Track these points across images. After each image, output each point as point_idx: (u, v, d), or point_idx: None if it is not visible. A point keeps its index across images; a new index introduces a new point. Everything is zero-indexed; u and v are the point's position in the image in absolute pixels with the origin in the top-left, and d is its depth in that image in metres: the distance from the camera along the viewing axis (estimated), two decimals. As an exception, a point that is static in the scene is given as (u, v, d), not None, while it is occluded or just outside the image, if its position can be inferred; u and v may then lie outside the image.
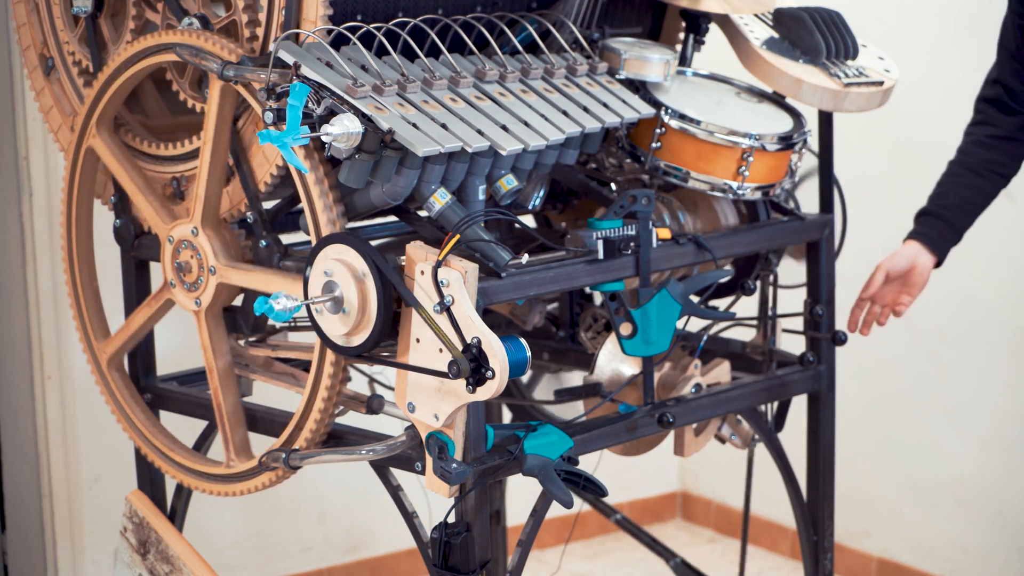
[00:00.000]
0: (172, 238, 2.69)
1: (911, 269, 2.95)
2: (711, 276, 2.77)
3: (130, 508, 2.93)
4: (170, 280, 2.71)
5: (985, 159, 2.98)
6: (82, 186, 2.84)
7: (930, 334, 4.13)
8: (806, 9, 3.05)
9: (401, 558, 4.36)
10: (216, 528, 4.05)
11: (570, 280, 2.60)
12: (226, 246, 2.65)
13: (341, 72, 2.45)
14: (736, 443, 3.04)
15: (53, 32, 2.90)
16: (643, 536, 3.50)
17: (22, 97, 3.70)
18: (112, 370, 2.87)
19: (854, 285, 3.11)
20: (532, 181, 2.86)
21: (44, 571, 3.89)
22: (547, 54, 2.77)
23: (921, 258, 2.95)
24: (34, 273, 3.76)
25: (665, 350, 2.73)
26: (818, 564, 3.14)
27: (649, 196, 2.68)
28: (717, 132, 2.80)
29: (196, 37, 2.58)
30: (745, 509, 3.29)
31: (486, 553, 2.50)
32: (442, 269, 2.35)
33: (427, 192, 2.49)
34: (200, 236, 2.64)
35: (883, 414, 4.28)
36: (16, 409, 3.86)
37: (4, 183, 3.77)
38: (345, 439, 2.62)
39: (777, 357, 3.07)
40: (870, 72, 3.05)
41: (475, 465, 2.44)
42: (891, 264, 2.95)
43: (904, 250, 2.97)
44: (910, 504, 4.23)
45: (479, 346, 2.32)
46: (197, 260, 2.66)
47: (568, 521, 4.51)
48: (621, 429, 2.70)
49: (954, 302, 4.03)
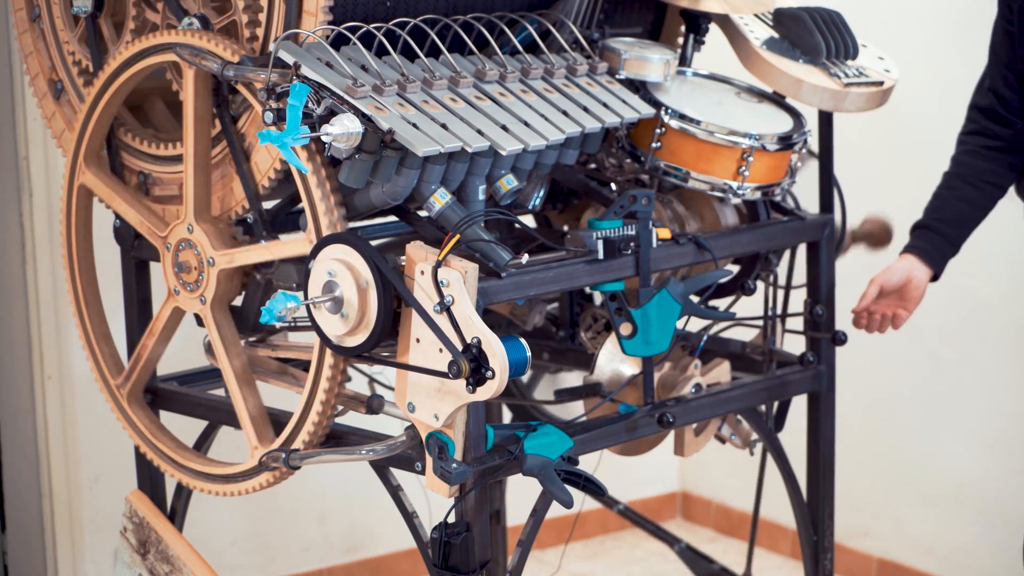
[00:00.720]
0: (170, 244, 2.69)
1: (907, 283, 2.94)
2: (711, 276, 2.77)
3: (130, 508, 2.93)
4: (173, 288, 2.71)
5: (980, 170, 2.96)
6: (79, 219, 2.86)
7: (930, 334, 4.12)
8: (806, 9, 3.05)
9: (401, 558, 4.36)
10: (216, 528, 4.05)
11: (570, 280, 2.59)
12: (221, 235, 2.65)
13: (341, 72, 2.45)
14: (736, 443, 3.04)
15: (59, 52, 2.90)
16: (647, 525, 3.50)
17: (22, 97, 3.70)
18: (134, 405, 2.87)
19: (854, 285, 3.11)
20: (532, 181, 2.86)
21: (44, 571, 3.89)
22: (547, 54, 2.77)
23: (917, 272, 2.93)
24: (34, 273, 3.76)
25: (665, 350, 2.73)
26: (818, 564, 3.14)
27: (649, 196, 2.68)
28: (717, 132, 2.80)
29: (196, 37, 2.58)
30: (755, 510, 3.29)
31: (486, 553, 2.50)
32: (442, 269, 2.35)
33: (427, 192, 2.49)
34: (196, 231, 2.64)
35: (883, 414, 4.28)
36: (16, 409, 3.86)
37: (4, 183, 3.77)
38: (345, 439, 2.62)
39: (777, 357, 3.07)
40: (870, 72, 3.05)
41: (475, 465, 2.44)
42: (885, 278, 2.93)
43: (899, 264, 2.95)
44: (910, 504, 4.23)
45: (479, 346, 2.32)
46: (196, 256, 2.66)
47: (568, 521, 4.51)
48: (621, 429, 2.70)
49: (954, 302, 4.03)
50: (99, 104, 2.75)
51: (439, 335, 2.35)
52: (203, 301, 2.67)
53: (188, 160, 2.61)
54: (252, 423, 2.67)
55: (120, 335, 2.91)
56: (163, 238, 2.71)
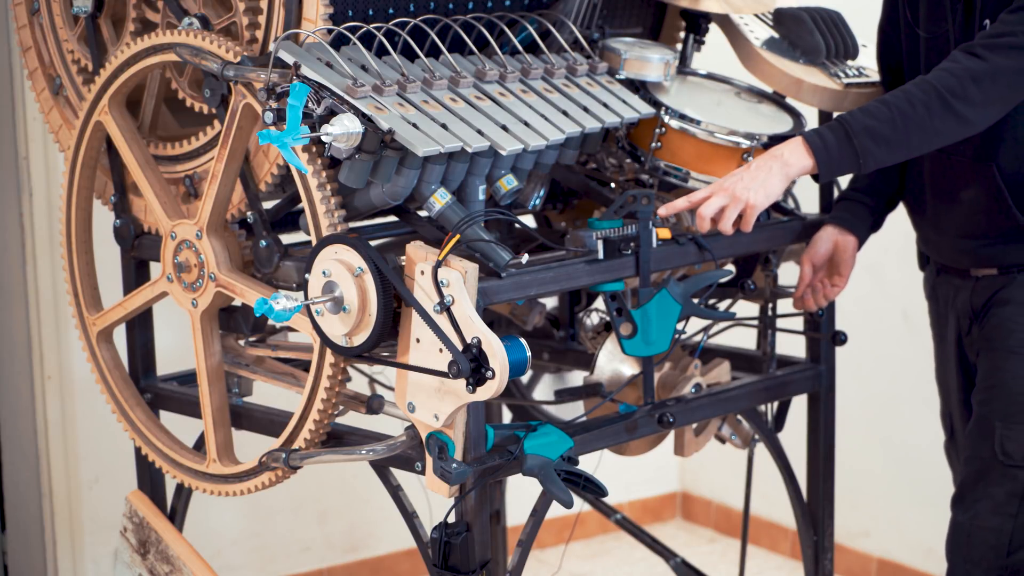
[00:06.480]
0: (175, 235, 2.69)
1: (834, 252, 2.96)
2: (711, 276, 2.77)
3: (130, 508, 2.93)
4: (168, 274, 2.71)
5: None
6: (86, 158, 2.83)
7: (930, 334, 4.12)
8: (806, 9, 3.06)
9: (401, 558, 4.36)
10: (216, 528, 4.05)
11: (570, 280, 2.59)
12: (229, 254, 2.65)
13: (341, 72, 2.45)
14: (736, 443, 3.04)
15: (59, 49, 2.90)
16: (643, 536, 3.50)
17: (22, 97, 3.70)
18: (101, 344, 2.88)
19: (853, 285, 3.11)
20: (532, 181, 2.86)
21: (44, 571, 3.89)
22: (547, 54, 2.77)
23: (840, 239, 2.96)
24: (34, 273, 3.76)
25: (665, 350, 2.73)
26: (818, 564, 3.14)
27: (649, 196, 2.68)
28: (717, 132, 2.80)
29: (196, 37, 2.58)
30: (745, 509, 3.29)
31: (486, 553, 2.50)
32: (442, 269, 2.35)
33: (427, 192, 2.49)
34: (204, 240, 2.64)
35: (883, 414, 4.28)
36: (16, 409, 3.86)
37: (4, 183, 3.77)
38: (345, 439, 2.62)
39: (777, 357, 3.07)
40: (870, 72, 3.05)
41: (475, 465, 2.44)
42: (812, 254, 2.96)
43: (821, 236, 2.97)
44: (910, 504, 4.23)
45: (479, 346, 2.32)
46: (198, 262, 2.65)
47: (568, 521, 4.51)
48: (621, 429, 2.70)
49: (954, 302, 4.03)
50: (99, 104, 2.75)
51: (439, 335, 2.35)
52: (195, 305, 2.67)
53: (218, 173, 2.60)
54: (211, 417, 2.70)
55: (120, 336, 2.91)
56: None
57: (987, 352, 2.82)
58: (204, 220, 2.63)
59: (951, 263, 2.91)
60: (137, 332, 2.91)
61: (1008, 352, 2.78)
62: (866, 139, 2.64)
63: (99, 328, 2.86)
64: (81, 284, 2.88)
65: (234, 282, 2.61)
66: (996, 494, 2.76)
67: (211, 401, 2.70)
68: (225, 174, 2.60)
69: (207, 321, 2.69)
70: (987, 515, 2.77)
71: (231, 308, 2.79)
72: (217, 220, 2.63)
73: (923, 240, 3.00)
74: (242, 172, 2.62)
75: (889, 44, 2.95)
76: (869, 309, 4.20)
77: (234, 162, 2.59)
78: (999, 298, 2.82)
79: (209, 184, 2.61)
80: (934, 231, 2.91)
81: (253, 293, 2.58)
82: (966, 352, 2.92)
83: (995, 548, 2.76)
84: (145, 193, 2.73)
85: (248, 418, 2.76)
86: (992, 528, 2.76)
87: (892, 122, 2.64)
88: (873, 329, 4.20)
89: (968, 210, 2.83)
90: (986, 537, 2.77)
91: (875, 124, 2.64)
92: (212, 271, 2.63)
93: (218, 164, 2.59)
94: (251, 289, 2.59)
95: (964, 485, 2.83)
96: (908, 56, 2.89)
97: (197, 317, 2.68)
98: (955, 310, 2.91)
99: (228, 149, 2.57)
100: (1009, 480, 2.75)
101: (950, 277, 2.92)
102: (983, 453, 2.78)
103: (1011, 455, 2.75)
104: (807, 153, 2.66)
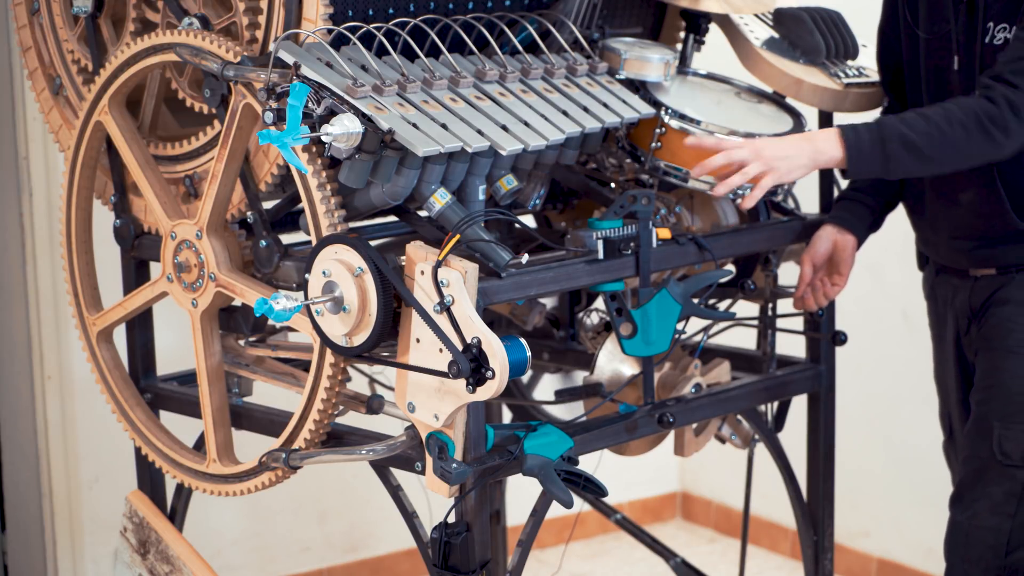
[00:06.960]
0: (175, 235, 2.69)
1: (833, 251, 2.96)
2: (711, 276, 2.77)
3: (130, 508, 2.93)
4: (168, 274, 2.71)
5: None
6: (86, 158, 2.83)
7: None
8: (806, 9, 3.06)
9: (401, 558, 4.36)
10: (216, 528, 4.05)
11: (570, 280, 2.59)
12: (229, 254, 2.65)
13: (341, 72, 2.45)
14: (736, 443, 3.04)
15: (59, 49, 2.90)
16: (643, 536, 3.50)
17: (22, 97, 3.70)
18: (101, 344, 2.88)
19: (853, 285, 3.11)
20: (532, 181, 2.86)
21: (44, 571, 3.89)
22: (547, 54, 2.77)
23: (839, 238, 2.96)
24: (34, 273, 3.76)
25: (665, 350, 2.73)
26: (818, 564, 3.14)
27: (649, 196, 2.68)
28: (717, 132, 2.80)
29: (196, 37, 2.58)
30: (745, 509, 3.29)
31: (486, 553, 2.50)
32: (442, 269, 2.35)
33: (427, 192, 2.49)
34: (204, 240, 2.64)
35: (883, 414, 4.28)
36: (16, 409, 3.86)
37: (4, 183, 3.77)
38: (345, 439, 2.62)
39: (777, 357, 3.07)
40: (870, 72, 3.05)
41: (475, 465, 2.44)
42: (812, 253, 2.96)
43: (821, 235, 2.97)
44: (910, 504, 4.23)
45: (479, 346, 2.32)
46: (198, 262, 2.65)
47: (568, 521, 4.51)
48: (621, 429, 2.70)
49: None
50: (99, 104, 2.75)
51: (439, 335, 2.35)
52: (195, 305, 2.67)
53: (218, 173, 2.60)
54: (211, 417, 2.70)
55: (120, 336, 2.91)
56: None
57: (986, 352, 2.82)
58: (204, 220, 2.63)
59: (950, 263, 2.91)
60: (137, 332, 2.91)
61: (1007, 352, 2.78)
62: (899, 146, 2.66)
63: (99, 328, 2.87)
64: (81, 284, 2.88)
65: (234, 282, 2.61)
66: (994, 494, 2.76)
67: (211, 401, 2.70)
68: (225, 174, 2.60)
69: (207, 321, 2.69)
70: (985, 515, 2.77)
71: (231, 308, 2.80)
72: (217, 220, 2.63)
73: (922, 240, 3.00)
74: (242, 172, 2.62)
75: (889, 44, 2.95)
76: (869, 309, 4.20)
77: (234, 162, 2.59)
78: (998, 298, 2.82)
79: (209, 184, 2.61)
80: (933, 231, 2.92)
81: (253, 293, 2.58)
82: (965, 352, 2.92)
83: (993, 548, 2.76)
84: (145, 193, 2.73)
85: (248, 418, 2.77)
86: (990, 528, 2.76)
87: (928, 136, 2.66)
88: (873, 329, 4.20)
89: (967, 211, 2.83)
90: (984, 537, 2.77)
91: (911, 134, 2.66)
92: (212, 271, 2.63)
93: (218, 164, 2.59)
94: (251, 289, 2.59)
95: (962, 485, 2.83)
96: (908, 56, 2.89)
97: (197, 317, 2.68)
98: (954, 310, 2.91)
99: (228, 149, 2.57)
100: (1007, 480, 2.75)
101: (949, 277, 2.92)
102: (981, 453, 2.78)
103: (1009, 455, 2.75)
104: (840, 145, 2.68)
